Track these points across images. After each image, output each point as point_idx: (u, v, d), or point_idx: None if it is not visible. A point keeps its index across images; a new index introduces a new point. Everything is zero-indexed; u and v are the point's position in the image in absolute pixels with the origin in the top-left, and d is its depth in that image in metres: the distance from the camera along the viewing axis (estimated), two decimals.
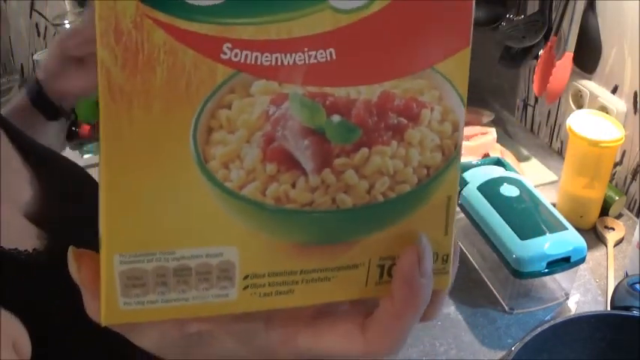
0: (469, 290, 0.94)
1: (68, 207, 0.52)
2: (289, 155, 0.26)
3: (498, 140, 1.25)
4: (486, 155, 1.22)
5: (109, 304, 0.26)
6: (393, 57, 0.26)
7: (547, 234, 0.86)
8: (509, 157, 1.21)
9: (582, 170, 1.02)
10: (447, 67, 0.27)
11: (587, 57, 1.12)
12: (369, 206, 0.27)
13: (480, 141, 1.23)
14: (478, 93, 1.51)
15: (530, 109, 1.35)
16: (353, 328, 0.28)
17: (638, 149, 1.06)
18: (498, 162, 1.04)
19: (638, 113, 1.05)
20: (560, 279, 0.93)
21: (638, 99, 1.05)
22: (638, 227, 0.91)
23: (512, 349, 0.73)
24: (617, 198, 1.07)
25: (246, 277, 0.27)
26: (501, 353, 0.84)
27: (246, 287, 0.27)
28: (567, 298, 0.92)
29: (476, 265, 0.99)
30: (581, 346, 0.78)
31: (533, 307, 0.91)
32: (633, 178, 1.09)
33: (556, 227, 0.87)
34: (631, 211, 1.10)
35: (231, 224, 0.26)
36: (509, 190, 0.94)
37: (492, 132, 1.25)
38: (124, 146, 0.25)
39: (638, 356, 0.76)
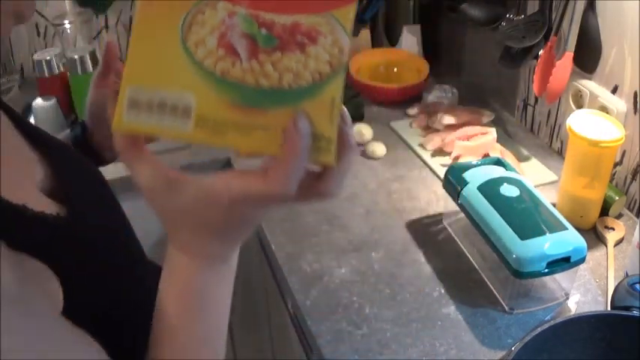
0: (469, 290, 0.94)
1: (76, 183, 0.62)
2: (233, 47, 0.43)
3: (498, 140, 1.25)
4: (486, 155, 1.22)
5: (117, 118, 0.44)
6: (304, 2, 0.45)
7: (547, 234, 0.86)
8: (509, 157, 1.21)
9: (582, 170, 1.02)
10: (339, 14, 0.45)
11: (587, 57, 1.12)
12: (279, 90, 0.44)
13: (480, 141, 1.23)
14: (478, 93, 1.51)
15: (530, 109, 1.35)
16: (260, 173, 0.44)
17: (638, 149, 1.06)
18: (498, 162, 1.04)
19: (638, 113, 1.05)
20: (560, 279, 0.93)
21: (638, 99, 1.05)
22: (638, 227, 0.91)
23: (512, 349, 0.73)
24: (617, 198, 1.07)
25: (198, 118, 0.43)
26: (501, 353, 0.84)
27: (197, 124, 0.43)
28: (567, 298, 0.92)
29: (476, 265, 0.99)
30: (581, 346, 0.78)
31: (533, 307, 0.91)
32: (633, 178, 1.09)
33: (556, 227, 0.87)
34: (631, 211, 1.10)
35: (196, 81, 0.44)
36: (509, 190, 0.94)
37: (492, 132, 1.25)
38: (145, 23, 0.44)
39: (638, 356, 0.76)
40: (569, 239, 0.86)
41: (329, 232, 1.07)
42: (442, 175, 1.17)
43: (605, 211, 1.07)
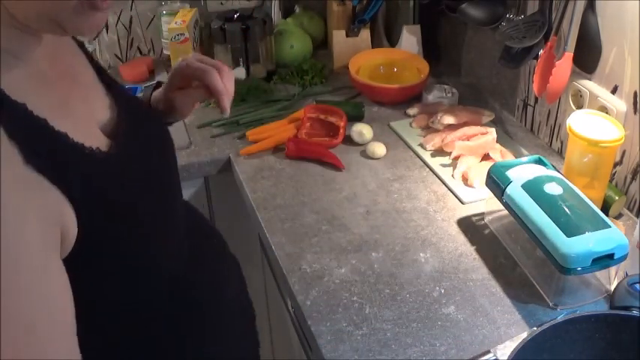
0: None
1: (131, 125, 0.73)
2: None
3: (498, 140, 1.25)
4: (486, 155, 1.22)
5: None
6: None
7: (592, 231, 0.87)
8: (509, 157, 1.21)
9: (582, 170, 1.02)
10: None
11: (587, 57, 1.12)
12: None
13: (480, 141, 1.23)
14: (478, 93, 1.51)
15: (530, 109, 1.35)
16: None
17: (638, 149, 1.06)
18: (539, 161, 1.04)
19: (638, 113, 1.05)
20: (600, 276, 0.94)
21: (638, 99, 1.05)
22: (638, 227, 0.91)
23: (512, 348, 0.73)
24: (617, 198, 1.07)
25: None
26: None
27: None
28: (609, 295, 0.93)
29: (519, 262, 0.99)
30: (581, 346, 0.78)
31: (576, 303, 0.92)
32: (633, 178, 1.09)
33: (600, 225, 0.88)
34: (631, 211, 1.10)
35: None
36: (552, 189, 0.94)
37: (492, 132, 1.25)
38: None
39: (638, 356, 0.76)
40: (613, 236, 0.87)
41: (329, 232, 1.07)
42: (442, 175, 1.17)
43: (605, 211, 1.07)
